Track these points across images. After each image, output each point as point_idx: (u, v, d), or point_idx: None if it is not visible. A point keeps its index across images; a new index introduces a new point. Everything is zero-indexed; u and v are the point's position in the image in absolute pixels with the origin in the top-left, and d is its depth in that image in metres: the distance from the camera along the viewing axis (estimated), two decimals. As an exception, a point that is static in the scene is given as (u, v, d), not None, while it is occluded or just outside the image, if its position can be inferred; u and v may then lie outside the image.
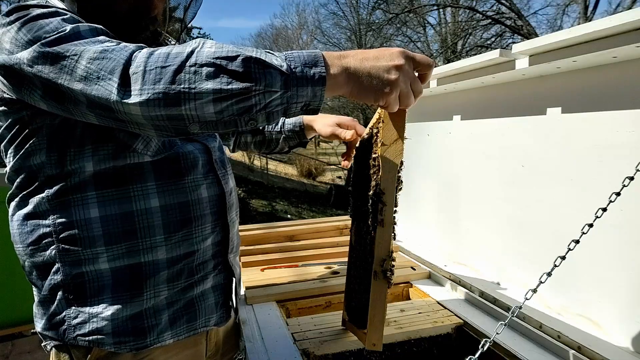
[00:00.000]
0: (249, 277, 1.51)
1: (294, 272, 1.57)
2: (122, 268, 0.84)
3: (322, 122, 1.13)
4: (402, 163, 0.84)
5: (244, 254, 1.72)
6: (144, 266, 0.85)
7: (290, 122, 1.11)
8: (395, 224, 0.86)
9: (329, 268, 1.59)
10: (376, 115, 0.89)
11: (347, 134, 1.05)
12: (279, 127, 1.15)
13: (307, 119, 1.12)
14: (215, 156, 0.97)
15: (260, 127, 1.14)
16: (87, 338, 0.84)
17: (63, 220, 0.81)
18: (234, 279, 1.05)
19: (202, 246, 0.92)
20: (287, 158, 19.69)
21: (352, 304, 1.03)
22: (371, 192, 0.86)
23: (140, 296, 0.85)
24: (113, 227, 0.82)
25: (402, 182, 0.86)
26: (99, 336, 0.84)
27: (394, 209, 0.84)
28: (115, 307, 0.84)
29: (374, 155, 0.86)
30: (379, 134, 0.85)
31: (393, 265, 0.85)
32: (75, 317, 0.85)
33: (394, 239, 0.87)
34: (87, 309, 0.84)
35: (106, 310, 0.84)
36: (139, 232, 0.84)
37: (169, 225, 0.86)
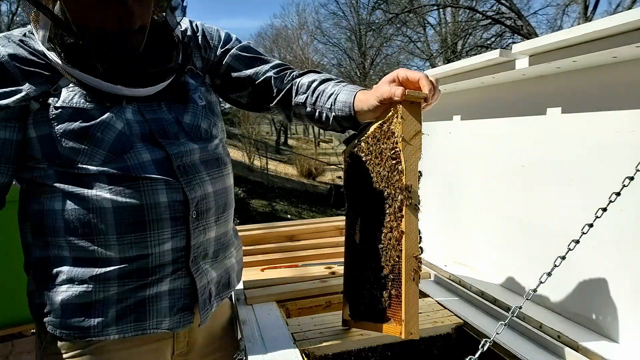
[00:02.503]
0: (249, 277, 1.51)
1: (294, 272, 1.58)
2: (79, 259, 0.89)
3: (370, 97, 0.97)
4: (420, 157, 0.88)
5: (244, 254, 1.71)
6: (98, 261, 0.89)
7: (341, 100, 1.01)
8: (419, 209, 0.88)
9: (329, 268, 1.59)
10: (390, 113, 0.91)
11: (397, 92, 0.88)
12: (330, 104, 1.04)
13: (357, 102, 1.00)
14: (181, 162, 0.94)
15: (312, 101, 1.08)
16: (43, 319, 0.91)
17: (37, 209, 0.90)
18: (205, 283, 1.00)
19: (158, 250, 0.91)
20: (287, 158, 19.70)
21: (362, 301, 1.02)
22: (395, 186, 0.89)
23: (90, 288, 0.89)
24: (73, 221, 0.88)
25: (421, 173, 0.89)
26: (51, 319, 0.90)
27: (419, 200, 0.87)
28: (68, 294, 0.89)
29: (394, 151, 0.89)
30: (395, 130, 0.88)
31: (421, 261, 0.88)
32: (38, 298, 0.92)
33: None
34: (46, 292, 0.90)
35: (59, 296, 0.89)
36: (95, 229, 0.88)
37: (120, 226, 0.88)
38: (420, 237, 0.87)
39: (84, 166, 0.87)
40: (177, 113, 0.98)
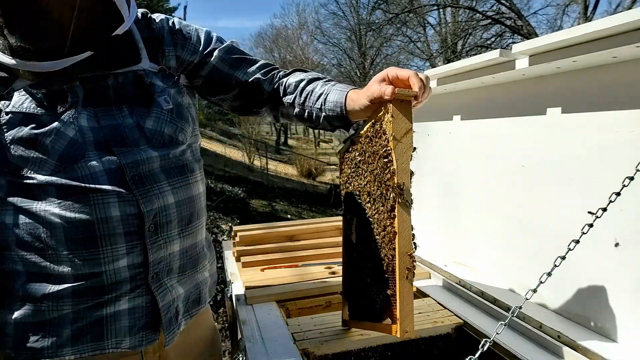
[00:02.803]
0: (249, 277, 1.51)
1: (294, 272, 1.57)
2: (33, 274, 0.85)
3: (361, 96, 0.95)
4: (411, 156, 0.88)
5: (244, 254, 1.72)
6: (52, 277, 0.85)
7: (331, 100, 0.99)
8: (411, 207, 0.87)
9: (329, 268, 1.59)
10: (381, 112, 0.90)
11: (387, 91, 0.86)
12: (320, 104, 1.02)
13: (349, 101, 0.98)
14: (136, 171, 0.88)
15: (301, 101, 1.05)
16: None
17: None
18: (169, 301, 0.94)
19: (113, 267, 0.86)
20: (287, 158, 19.69)
21: (360, 301, 1.02)
22: (387, 185, 0.88)
23: (44, 306, 0.85)
24: (24, 235, 0.84)
25: (413, 172, 0.88)
26: (4, 338, 0.86)
27: (411, 198, 0.87)
28: (21, 312, 0.85)
29: (385, 150, 0.88)
30: (386, 129, 0.88)
31: (415, 259, 0.87)
32: None
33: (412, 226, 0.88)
34: (2, 309, 0.86)
35: (12, 314, 0.85)
36: (46, 244, 0.83)
37: (71, 242, 0.84)
38: (414, 235, 0.87)
39: (32, 175, 0.82)
40: (139, 117, 0.91)
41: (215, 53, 1.07)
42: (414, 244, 0.87)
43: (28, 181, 0.83)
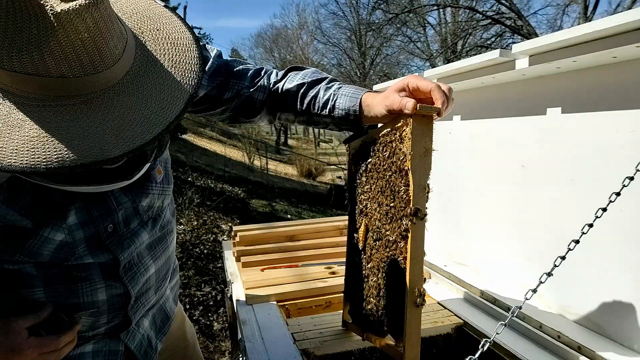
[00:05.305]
0: (249, 277, 1.51)
1: (294, 272, 1.57)
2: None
3: (378, 104, 0.91)
4: (429, 177, 0.81)
5: (244, 254, 1.72)
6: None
7: (341, 108, 0.95)
8: (425, 221, 0.82)
9: (329, 268, 1.59)
10: (398, 123, 0.84)
11: (409, 105, 0.80)
12: (327, 110, 0.98)
13: (365, 107, 0.93)
14: (128, 259, 0.86)
15: (304, 108, 1.00)
16: None
17: None
18: (139, 338, 0.97)
19: (91, 333, 0.87)
20: (287, 158, 19.69)
21: (362, 309, 0.99)
22: (400, 206, 0.83)
23: None
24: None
25: (429, 197, 0.83)
26: None
27: (426, 219, 0.81)
28: None
29: (402, 167, 0.82)
30: (404, 146, 0.81)
31: (424, 290, 0.82)
32: None
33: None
34: None
35: None
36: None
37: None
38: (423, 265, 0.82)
39: (20, 267, 0.75)
40: (134, 195, 0.85)
41: (203, 82, 0.96)
42: (424, 276, 0.82)
43: (14, 267, 0.75)
